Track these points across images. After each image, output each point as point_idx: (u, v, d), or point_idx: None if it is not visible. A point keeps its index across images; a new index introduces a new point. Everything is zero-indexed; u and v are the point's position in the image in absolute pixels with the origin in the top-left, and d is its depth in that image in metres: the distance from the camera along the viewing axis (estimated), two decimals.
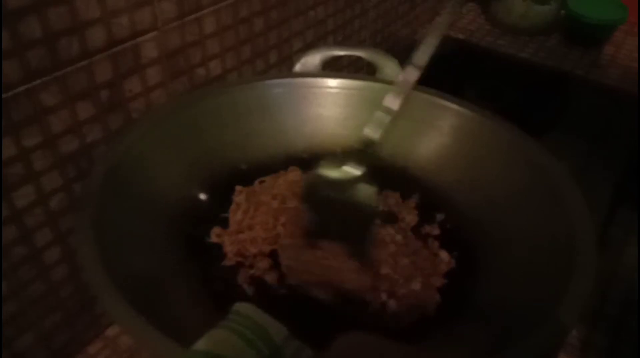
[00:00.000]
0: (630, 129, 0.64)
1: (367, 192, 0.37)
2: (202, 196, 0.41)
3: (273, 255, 0.38)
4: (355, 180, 0.38)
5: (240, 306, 0.27)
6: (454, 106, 0.44)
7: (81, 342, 0.45)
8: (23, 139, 0.34)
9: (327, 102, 0.46)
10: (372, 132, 0.40)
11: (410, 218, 0.41)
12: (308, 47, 0.57)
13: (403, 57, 0.52)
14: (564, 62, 0.84)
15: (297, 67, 0.50)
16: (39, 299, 0.40)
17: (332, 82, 0.46)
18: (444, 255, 0.38)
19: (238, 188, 0.41)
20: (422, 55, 0.40)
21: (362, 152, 0.39)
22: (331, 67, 0.58)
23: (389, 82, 0.47)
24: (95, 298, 0.43)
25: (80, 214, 0.31)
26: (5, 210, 0.35)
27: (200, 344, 0.25)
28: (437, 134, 0.44)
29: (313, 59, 0.50)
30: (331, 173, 0.38)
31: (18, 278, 0.37)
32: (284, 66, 0.57)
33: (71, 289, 0.42)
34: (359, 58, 0.53)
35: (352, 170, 0.38)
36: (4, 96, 0.32)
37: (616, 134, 0.66)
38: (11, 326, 0.38)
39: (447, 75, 0.69)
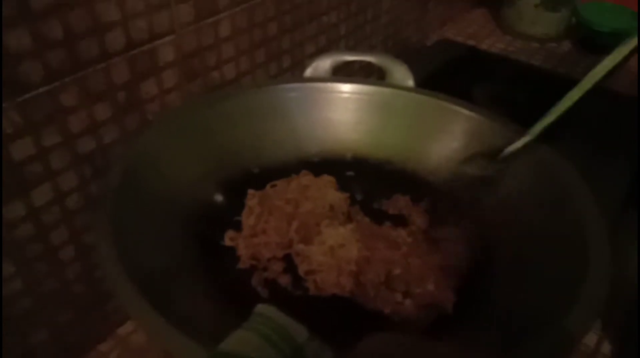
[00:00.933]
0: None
1: None
2: (217, 198, 0.41)
3: (286, 259, 0.38)
4: None
5: (262, 308, 0.27)
6: (465, 111, 0.44)
7: (93, 339, 0.45)
8: (42, 138, 0.35)
9: (338, 107, 0.47)
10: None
11: (420, 221, 0.42)
12: (320, 52, 0.57)
13: (414, 63, 0.53)
14: (575, 70, 0.84)
15: (308, 71, 0.51)
16: (53, 296, 0.40)
17: (343, 87, 0.47)
18: (456, 256, 0.38)
19: (251, 191, 0.42)
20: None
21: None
22: (343, 72, 0.58)
23: (399, 87, 0.47)
24: (109, 296, 0.44)
25: (99, 213, 0.31)
26: (24, 208, 0.36)
27: (225, 345, 0.25)
28: (448, 138, 0.45)
29: (324, 64, 0.50)
30: None
31: (33, 274, 0.38)
32: (297, 70, 0.58)
33: (84, 287, 0.42)
34: (369, 63, 0.54)
35: None
36: (26, 96, 0.33)
37: (627, 142, 0.66)
38: (25, 321, 0.39)
39: (457, 81, 0.70)
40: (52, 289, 0.40)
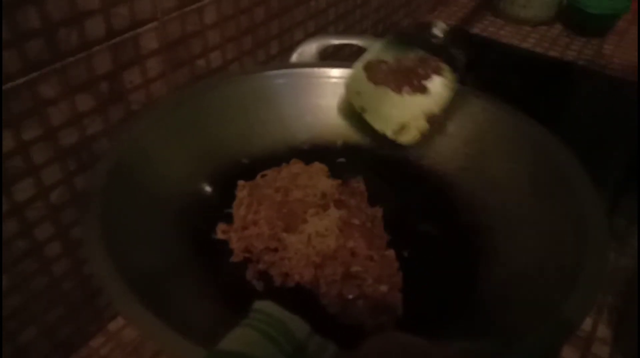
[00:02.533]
0: (633, 120, 0.64)
1: None
2: (207, 191, 0.40)
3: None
4: None
5: (261, 305, 0.27)
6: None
7: (84, 335, 0.45)
8: (23, 132, 0.34)
9: (327, 92, 0.46)
10: None
11: None
12: (309, 37, 0.56)
13: None
14: (567, 52, 0.84)
15: (294, 57, 0.50)
16: (42, 293, 0.39)
17: (332, 72, 0.46)
18: None
19: (240, 183, 0.41)
20: None
21: None
22: (334, 58, 0.57)
23: None
24: (98, 291, 0.43)
25: (87, 209, 0.30)
26: (6, 204, 0.35)
27: (224, 344, 0.25)
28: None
29: (310, 49, 0.49)
30: None
31: (20, 272, 0.37)
32: (285, 56, 0.56)
33: (73, 283, 0.41)
34: (360, 49, 0.53)
35: None
36: (3, 88, 0.32)
37: (618, 125, 0.66)
38: (14, 320, 0.38)
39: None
40: (40, 286, 0.39)
